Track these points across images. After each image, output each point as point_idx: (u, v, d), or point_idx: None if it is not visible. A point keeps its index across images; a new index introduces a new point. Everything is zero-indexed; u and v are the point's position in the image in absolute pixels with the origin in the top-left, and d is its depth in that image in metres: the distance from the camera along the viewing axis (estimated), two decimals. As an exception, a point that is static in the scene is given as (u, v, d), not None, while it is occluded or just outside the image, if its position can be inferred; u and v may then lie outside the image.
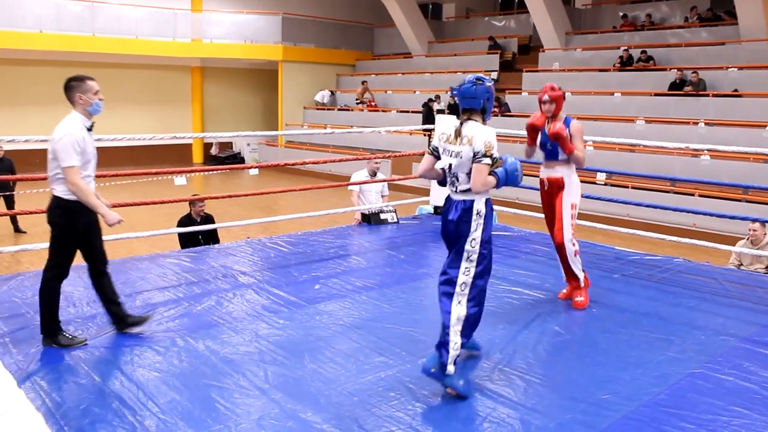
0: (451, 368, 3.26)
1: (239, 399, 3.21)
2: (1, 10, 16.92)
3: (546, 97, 4.65)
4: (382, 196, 7.96)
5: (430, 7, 24.41)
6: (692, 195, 11.66)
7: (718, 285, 5.49)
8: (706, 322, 4.53)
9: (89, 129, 3.81)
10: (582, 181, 4.93)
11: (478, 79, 3.39)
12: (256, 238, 6.96)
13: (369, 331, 4.16)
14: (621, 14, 18.50)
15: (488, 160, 3.26)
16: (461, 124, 3.37)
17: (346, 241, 6.83)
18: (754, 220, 6.67)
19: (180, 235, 7.25)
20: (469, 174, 3.30)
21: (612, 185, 12.65)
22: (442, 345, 3.30)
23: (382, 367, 3.61)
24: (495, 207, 3.49)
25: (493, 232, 3.49)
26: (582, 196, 4.90)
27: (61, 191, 3.75)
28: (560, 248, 4.78)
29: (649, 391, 3.40)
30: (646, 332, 4.26)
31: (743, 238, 7.03)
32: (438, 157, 3.48)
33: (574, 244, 4.72)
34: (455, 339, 3.28)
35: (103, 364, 3.57)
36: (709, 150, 11.02)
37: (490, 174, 3.30)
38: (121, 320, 4.01)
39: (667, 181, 12.16)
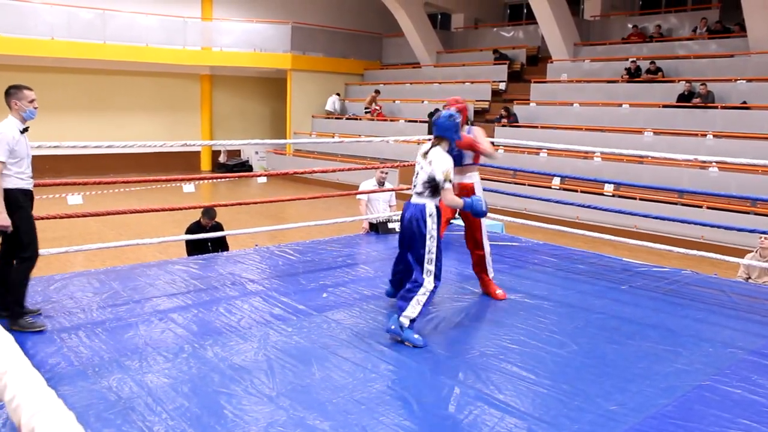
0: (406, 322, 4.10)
1: (247, 406, 3.22)
2: (13, 17, 17.10)
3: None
4: (390, 206, 7.97)
5: (439, 17, 24.51)
6: (700, 207, 11.64)
7: (726, 297, 5.48)
8: (714, 334, 4.52)
9: (23, 131, 4.17)
10: (590, 193, 5.05)
11: (450, 115, 4.28)
12: (264, 246, 6.99)
13: (377, 339, 4.18)
14: (630, 25, 18.52)
15: (449, 185, 4.14)
16: (431, 146, 4.25)
17: (354, 250, 6.85)
18: (760, 233, 6.64)
19: (188, 242, 7.29)
20: (424, 184, 4.20)
21: (620, 197, 12.64)
22: (401, 309, 4.09)
23: (389, 376, 3.62)
24: (503, 217, 3.68)
25: (500, 243, 3.66)
26: (589, 207, 4.96)
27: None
28: (478, 247, 5.24)
29: (657, 402, 3.40)
30: (654, 344, 4.26)
31: (752, 251, 7.02)
32: None
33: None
34: (417, 308, 4.10)
35: (113, 370, 3.59)
36: (717, 162, 11.03)
37: (459, 196, 4.37)
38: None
39: (675, 193, 12.15)
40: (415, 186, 4.27)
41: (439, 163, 4.13)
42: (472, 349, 4.14)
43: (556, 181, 13.49)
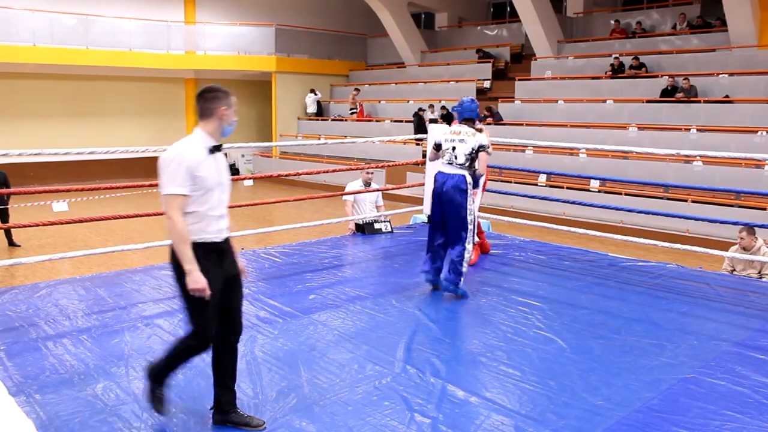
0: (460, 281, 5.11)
1: (234, 410, 3.21)
2: (-6, 24, 16.93)
3: None
4: (377, 207, 7.95)
5: (423, 16, 24.52)
6: (685, 201, 11.71)
7: (711, 290, 5.52)
8: (699, 327, 4.56)
9: (213, 150, 3.04)
10: (576, 189, 5.24)
11: (472, 100, 5.31)
12: (251, 249, 6.97)
13: (363, 340, 4.18)
14: (613, 21, 18.60)
15: (491, 149, 5.21)
16: (467, 126, 5.22)
17: (341, 251, 6.84)
18: (743, 225, 6.63)
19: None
20: (466, 155, 5.10)
21: (605, 192, 12.69)
22: (456, 273, 5.07)
23: (376, 377, 3.62)
24: (489, 215, 3.71)
25: (487, 240, 3.68)
26: (575, 203, 4.95)
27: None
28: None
29: (642, 396, 3.42)
30: (639, 338, 4.28)
31: (736, 243, 7.06)
32: (438, 149, 5.27)
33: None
34: (465, 266, 5.09)
35: (98, 377, 3.57)
36: (701, 156, 11.10)
37: None
38: (220, 408, 3.12)
39: (660, 188, 12.22)
40: (456, 158, 5.12)
41: (480, 136, 5.16)
42: (459, 347, 4.15)
43: (542, 177, 13.53)
